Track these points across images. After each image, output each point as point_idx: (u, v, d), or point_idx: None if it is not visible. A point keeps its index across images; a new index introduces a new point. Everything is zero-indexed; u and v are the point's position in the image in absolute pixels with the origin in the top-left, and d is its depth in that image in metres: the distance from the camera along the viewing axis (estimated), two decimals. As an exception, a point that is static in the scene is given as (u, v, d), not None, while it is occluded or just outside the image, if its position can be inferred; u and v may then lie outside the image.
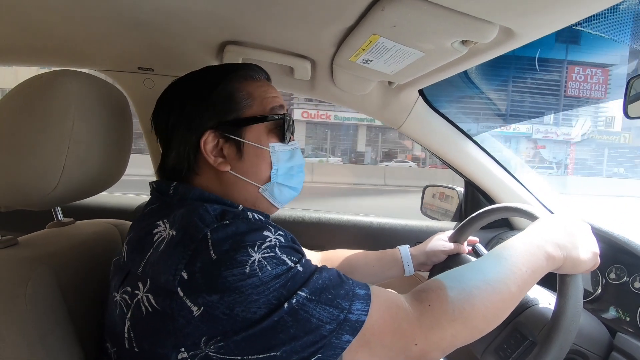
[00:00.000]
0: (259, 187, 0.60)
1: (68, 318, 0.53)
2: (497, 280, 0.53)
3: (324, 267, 0.50)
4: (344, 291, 0.48)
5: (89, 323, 0.57)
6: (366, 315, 0.47)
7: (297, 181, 0.65)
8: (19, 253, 0.55)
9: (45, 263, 0.53)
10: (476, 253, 0.91)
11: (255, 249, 0.45)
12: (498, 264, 0.55)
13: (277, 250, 0.47)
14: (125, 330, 0.47)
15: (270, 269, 0.45)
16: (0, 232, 0.58)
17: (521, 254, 0.56)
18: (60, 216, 0.72)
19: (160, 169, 0.61)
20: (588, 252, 0.60)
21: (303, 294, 0.45)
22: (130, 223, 0.73)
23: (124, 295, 0.48)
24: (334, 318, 0.45)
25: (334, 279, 0.49)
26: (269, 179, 0.60)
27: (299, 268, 0.47)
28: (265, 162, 0.60)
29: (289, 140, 0.63)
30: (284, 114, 0.62)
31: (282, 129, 0.61)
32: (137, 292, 0.46)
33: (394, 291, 0.53)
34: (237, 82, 0.60)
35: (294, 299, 0.44)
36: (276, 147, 0.60)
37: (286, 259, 0.47)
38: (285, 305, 0.44)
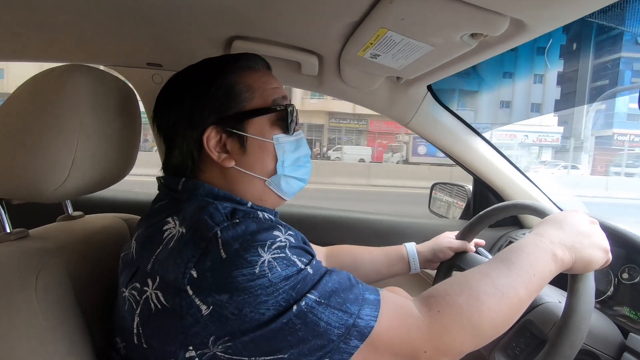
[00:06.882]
0: (265, 180, 0.59)
1: (77, 310, 0.54)
2: (505, 285, 0.52)
3: (334, 270, 0.50)
4: (354, 295, 0.47)
5: (98, 315, 0.58)
6: (375, 320, 0.46)
7: (304, 172, 0.64)
8: (29, 245, 0.55)
9: (55, 255, 0.54)
10: (479, 255, 0.90)
11: (266, 249, 0.45)
12: (506, 268, 0.53)
13: (287, 250, 0.46)
14: (134, 326, 0.47)
15: (280, 269, 0.44)
16: (11, 224, 0.59)
17: (529, 258, 0.55)
18: (70, 210, 0.73)
19: (165, 166, 0.61)
20: (598, 249, 0.59)
21: (312, 296, 0.45)
22: (138, 217, 0.74)
23: (133, 292, 0.48)
24: (342, 323, 0.45)
25: (344, 283, 0.48)
26: (275, 172, 0.59)
27: (309, 270, 0.47)
28: (269, 154, 0.59)
29: (294, 131, 0.61)
30: (286, 104, 0.60)
31: (285, 120, 0.59)
32: (146, 288, 0.47)
33: (403, 297, 0.53)
34: (237, 75, 0.58)
35: (303, 302, 0.44)
36: (280, 138, 0.59)
37: (296, 260, 0.47)
38: (294, 307, 0.44)
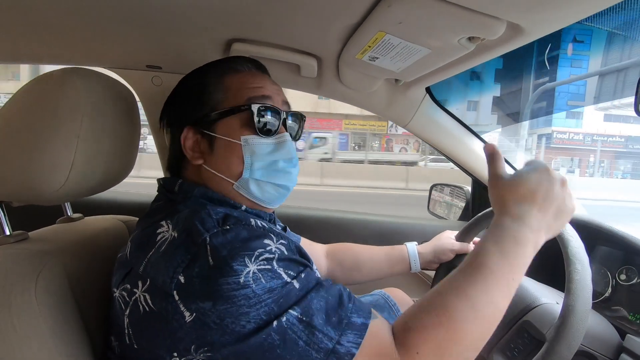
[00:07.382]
0: (233, 184, 0.58)
1: (76, 311, 0.54)
2: (485, 302, 0.47)
3: (324, 285, 0.48)
4: (338, 318, 0.45)
5: (96, 316, 0.58)
6: (357, 348, 0.43)
7: (283, 177, 0.60)
8: (29, 247, 0.56)
9: (55, 257, 0.54)
10: None
11: (252, 259, 0.44)
12: (484, 281, 0.48)
13: (274, 262, 0.45)
14: (125, 326, 0.48)
15: (264, 281, 0.43)
16: (11, 227, 0.59)
17: (509, 262, 0.50)
18: (69, 212, 0.73)
19: (166, 166, 0.66)
20: (567, 217, 0.56)
21: (294, 312, 0.43)
22: (137, 219, 0.74)
23: (123, 292, 0.48)
24: (322, 346, 0.43)
25: (331, 302, 0.46)
26: (242, 175, 0.57)
27: (295, 284, 0.45)
28: (235, 156, 0.57)
29: (273, 132, 0.58)
30: (251, 104, 0.57)
31: (256, 121, 0.57)
32: (135, 290, 0.47)
33: (400, 299, 0.51)
34: (214, 77, 0.60)
35: (284, 317, 0.43)
36: (250, 140, 0.57)
37: (282, 273, 0.45)
38: (275, 322, 0.42)
